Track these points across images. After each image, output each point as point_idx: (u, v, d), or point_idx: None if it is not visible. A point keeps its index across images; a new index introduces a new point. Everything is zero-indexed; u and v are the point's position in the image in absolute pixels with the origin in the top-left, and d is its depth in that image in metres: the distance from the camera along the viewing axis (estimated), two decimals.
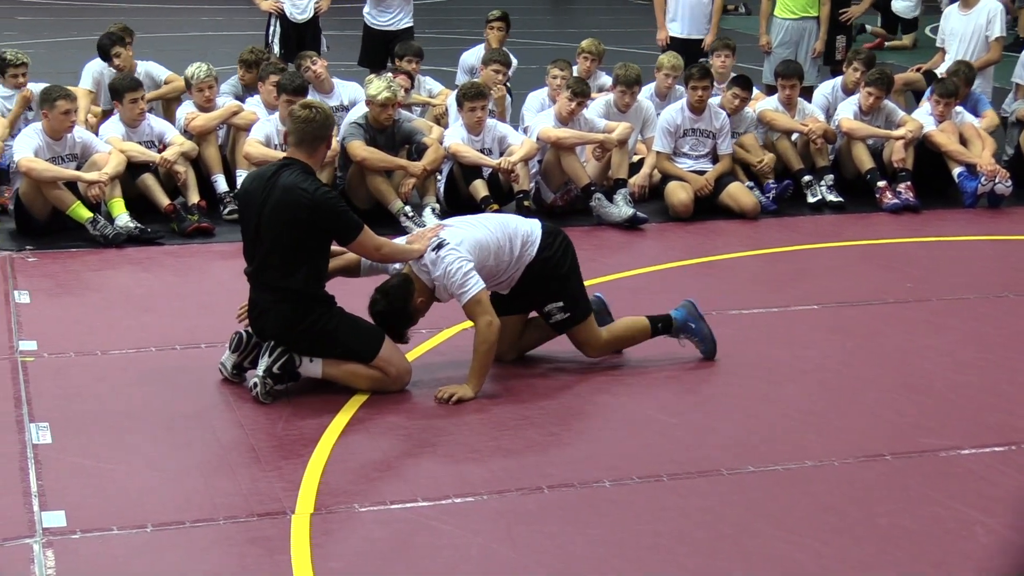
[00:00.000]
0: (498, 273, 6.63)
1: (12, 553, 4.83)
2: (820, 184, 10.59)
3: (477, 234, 6.57)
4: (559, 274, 6.72)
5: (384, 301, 6.43)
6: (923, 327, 7.77)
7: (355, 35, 13.29)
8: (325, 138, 6.51)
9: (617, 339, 6.94)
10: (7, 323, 7.29)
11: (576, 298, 6.80)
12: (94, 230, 8.80)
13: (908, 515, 5.34)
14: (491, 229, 6.64)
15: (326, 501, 5.31)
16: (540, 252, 6.68)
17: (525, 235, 6.70)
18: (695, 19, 12.54)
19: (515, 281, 6.71)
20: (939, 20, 13.43)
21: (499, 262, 6.60)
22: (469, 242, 6.49)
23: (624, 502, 5.42)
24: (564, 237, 6.84)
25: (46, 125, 8.99)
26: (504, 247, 6.61)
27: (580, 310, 6.79)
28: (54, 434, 5.84)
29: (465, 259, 6.40)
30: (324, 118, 6.46)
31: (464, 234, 6.54)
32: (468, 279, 6.37)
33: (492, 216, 7.32)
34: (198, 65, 10.09)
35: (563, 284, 6.74)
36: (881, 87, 10.71)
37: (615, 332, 6.92)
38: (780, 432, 6.17)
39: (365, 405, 6.31)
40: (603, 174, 10.16)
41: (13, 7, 21.98)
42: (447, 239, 6.47)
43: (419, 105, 11.27)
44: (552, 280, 6.71)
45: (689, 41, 12.46)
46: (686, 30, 12.53)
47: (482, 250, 6.52)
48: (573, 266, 6.81)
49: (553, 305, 6.74)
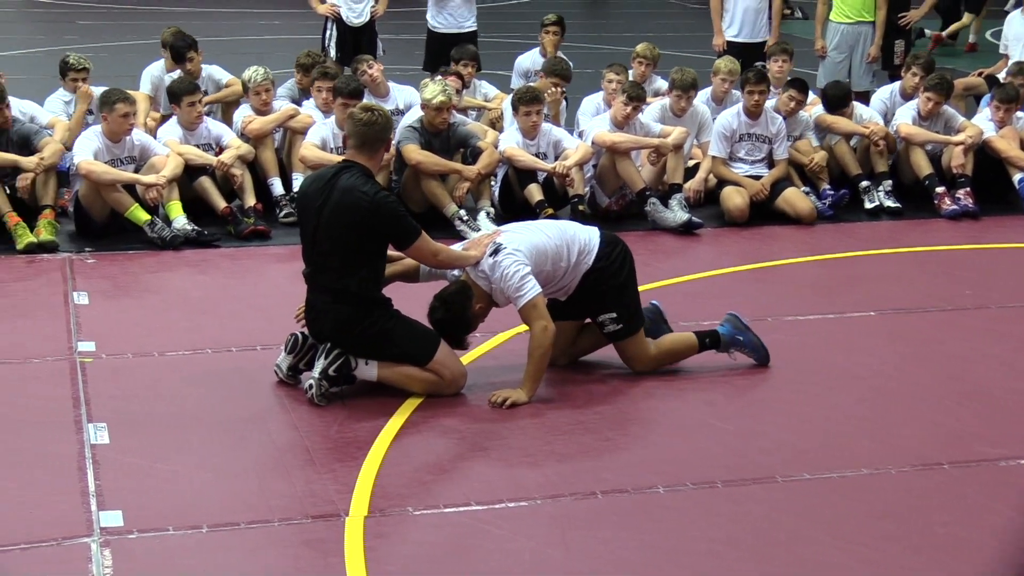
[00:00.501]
0: (555, 279, 6.62)
1: (70, 552, 4.88)
2: (878, 190, 10.50)
3: (535, 239, 6.56)
4: (615, 284, 6.69)
5: (443, 309, 6.44)
6: (981, 334, 7.69)
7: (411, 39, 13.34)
8: (384, 141, 6.53)
9: (665, 355, 6.88)
10: (66, 324, 7.37)
11: (630, 310, 6.76)
12: (152, 232, 8.88)
13: (965, 525, 5.29)
14: (549, 235, 6.64)
15: (380, 504, 5.32)
16: (597, 261, 6.66)
17: (583, 243, 6.68)
18: (752, 23, 12.49)
19: (572, 289, 6.69)
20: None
21: (556, 268, 6.59)
22: (527, 247, 6.49)
23: (678, 508, 5.40)
24: (623, 247, 6.81)
25: (105, 128, 9.08)
26: (562, 253, 6.60)
27: (633, 323, 6.76)
28: (112, 434, 5.89)
29: (522, 263, 6.40)
30: (384, 121, 6.49)
31: (522, 239, 6.54)
32: (525, 283, 6.37)
33: (550, 222, 7.31)
34: (255, 69, 10.16)
35: (618, 295, 6.70)
36: (941, 92, 10.60)
37: (663, 348, 6.87)
38: (836, 439, 6.13)
39: (420, 408, 6.32)
40: (658, 179, 10.13)
41: (73, 11, 22.23)
42: (504, 243, 6.47)
43: (475, 109, 11.29)
44: (608, 290, 6.67)
45: (746, 45, 12.41)
46: (744, 34, 12.49)
47: (539, 255, 6.51)
48: (630, 278, 6.78)
49: (607, 316, 6.71)
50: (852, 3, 12.54)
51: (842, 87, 11.08)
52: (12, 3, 23.89)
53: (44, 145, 9.10)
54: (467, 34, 12.37)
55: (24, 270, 8.41)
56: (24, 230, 8.74)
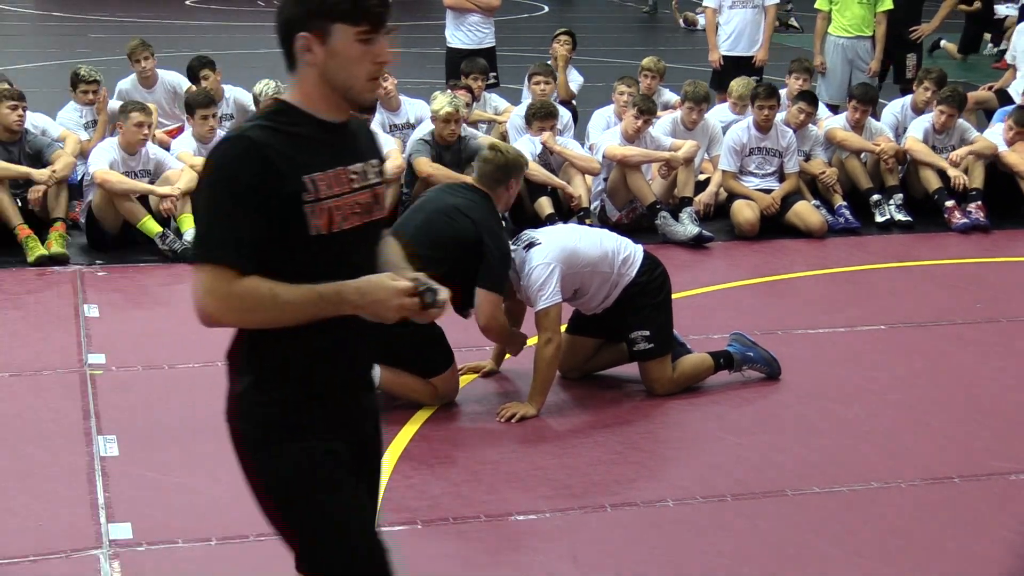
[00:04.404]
0: (592, 285, 6.57)
1: (79, 564, 4.88)
2: (888, 203, 10.49)
3: (573, 241, 6.55)
4: (653, 303, 6.66)
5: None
6: (992, 348, 7.67)
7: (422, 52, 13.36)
8: (502, 182, 6.57)
9: (685, 378, 6.82)
10: (76, 336, 7.39)
11: (663, 332, 6.73)
12: (163, 244, 8.90)
13: (975, 539, 5.27)
14: (592, 240, 6.64)
15: (387, 517, 5.31)
16: (639, 275, 6.64)
17: (627, 254, 6.66)
18: (749, 38, 12.44)
19: (611, 302, 6.66)
20: None
21: (595, 273, 6.53)
22: (561, 246, 6.46)
23: (687, 522, 5.39)
24: (664, 270, 6.79)
25: (121, 139, 9.12)
26: (604, 259, 6.54)
27: (664, 345, 6.72)
28: (121, 447, 5.90)
29: (549, 264, 6.37)
30: (504, 162, 6.55)
31: (558, 238, 6.54)
32: (546, 287, 6.34)
33: (592, 229, 7.26)
34: (266, 82, 10.20)
35: (654, 313, 6.66)
36: (953, 105, 10.59)
37: (683, 371, 6.82)
38: (846, 453, 6.11)
39: (428, 421, 6.32)
40: (669, 192, 10.14)
41: (86, 25, 22.30)
42: (539, 239, 6.48)
43: (485, 122, 11.30)
44: (645, 307, 6.63)
45: (740, 59, 12.38)
46: (740, 48, 12.43)
47: (574, 256, 6.46)
48: (667, 300, 6.75)
49: (640, 333, 6.67)
50: (851, 18, 12.50)
51: (871, 90, 11.05)
52: (26, 16, 24.00)
53: (56, 158, 9.14)
54: (486, 50, 12.36)
55: (35, 282, 8.43)
56: (35, 242, 8.77)
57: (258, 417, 3.25)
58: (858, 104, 10.72)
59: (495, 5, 12.38)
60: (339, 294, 3.09)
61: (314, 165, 3.13)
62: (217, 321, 3.09)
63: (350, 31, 3.09)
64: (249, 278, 3.05)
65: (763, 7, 12.33)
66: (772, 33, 12.65)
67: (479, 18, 12.42)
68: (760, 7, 12.32)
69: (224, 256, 3.04)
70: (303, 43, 3.10)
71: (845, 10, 12.49)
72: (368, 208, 3.24)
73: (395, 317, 3.12)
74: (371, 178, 3.27)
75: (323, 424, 3.26)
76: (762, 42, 12.38)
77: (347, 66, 3.12)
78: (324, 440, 3.25)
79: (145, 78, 11.12)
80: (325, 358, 3.24)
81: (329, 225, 3.13)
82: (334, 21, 3.08)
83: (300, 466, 3.23)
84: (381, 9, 3.12)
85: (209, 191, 3.10)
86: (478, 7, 12.28)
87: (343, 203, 3.17)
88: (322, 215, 3.12)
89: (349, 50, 3.11)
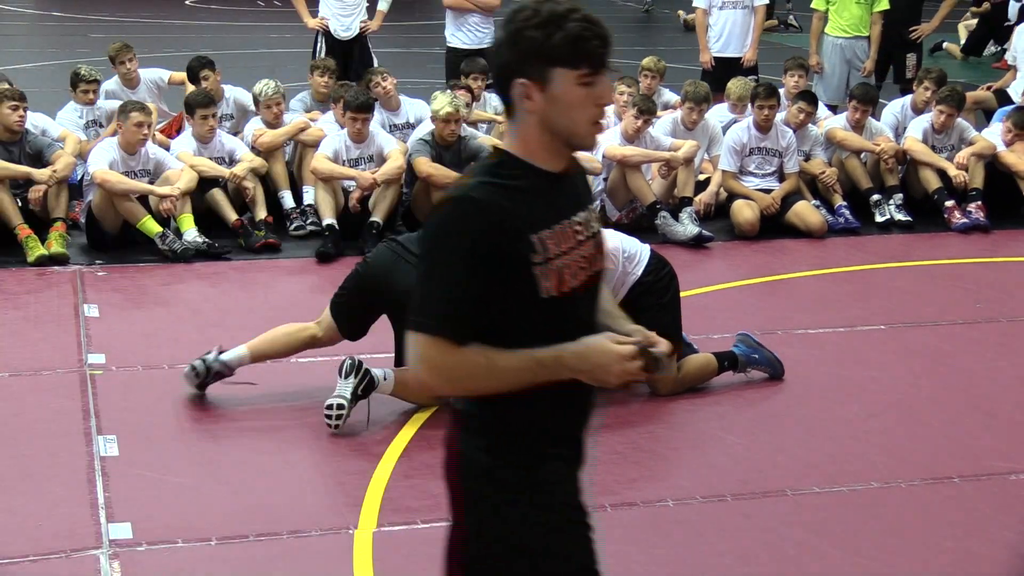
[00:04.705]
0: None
1: (79, 564, 4.89)
2: (888, 203, 10.50)
3: None
4: (659, 303, 6.65)
5: None
6: (992, 348, 7.67)
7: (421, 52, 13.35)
8: None
9: (689, 379, 6.82)
10: (76, 336, 7.38)
11: (669, 331, 6.67)
12: (163, 244, 8.90)
13: (976, 539, 5.27)
14: None
15: (389, 517, 5.32)
16: (645, 274, 6.64)
17: (631, 252, 6.67)
18: (739, 38, 12.41)
19: (617, 300, 6.62)
20: None
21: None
22: None
23: (687, 522, 5.39)
24: (671, 270, 6.79)
25: (121, 139, 9.12)
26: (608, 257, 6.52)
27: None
28: (121, 447, 5.90)
29: None
30: None
31: None
32: None
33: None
34: (266, 82, 10.19)
35: (660, 313, 6.60)
36: (952, 104, 10.59)
37: (688, 371, 6.81)
38: (846, 453, 6.11)
39: (429, 421, 6.32)
40: (669, 192, 10.14)
41: (86, 25, 22.30)
42: None
43: (485, 122, 11.30)
44: (651, 307, 6.58)
45: (730, 60, 12.37)
46: (731, 49, 12.41)
47: None
48: (674, 300, 6.75)
49: None
50: (849, 18, 12.49)
51: (871, 90, 11.06)
52: (26, 16, 24.00)
53: (56, 158, 9.14)
54: (486, 50, 12.34)
55: (35, 282, 8.43)
56: (35, 242, 8.77)
57: (497, 478, 3.13)
58: (858, 104, 10.72)
59: (495, 5, 12.38)
60: (558, 360, 2.92)
61: (540, 223, 2.94)
62: (435, 389, 2.98)
63: (571, 75, 2.88)
64: (466, 348, 2.91)
65: (752, 7, 12.33)
66: (761, 33, 12.64)
67: (479, 18, 12.42)
68: (750, 8, 12.32)
69: (439, 328, 2.90)
70: (521, 90, 2.91)
71: (843, 10, 12.48)
72: (592, 260, 3.08)
73: (617, 383, 2.96)
74: (594, 227, 3.10)
75: (568, 481, 3.21)
76: (751, 42, 12.37)
77: (568, 112, 2.92)
78: (570, 496, 3.19)
79: (129, 80, 11.10)
80: (561, 412, 3.12)
81: (559, 285, 2.96)
82: (553, 66, 2.88)
83: (549, 525, 3.13)
84: (603, 50, 2.90)
85: (430, 256, 2.93)
86: (478, 7, 12.29)
87: (571, 260, 3.00)
88: (552, 276, 2.95)
89: (570, 95, 2.90)
